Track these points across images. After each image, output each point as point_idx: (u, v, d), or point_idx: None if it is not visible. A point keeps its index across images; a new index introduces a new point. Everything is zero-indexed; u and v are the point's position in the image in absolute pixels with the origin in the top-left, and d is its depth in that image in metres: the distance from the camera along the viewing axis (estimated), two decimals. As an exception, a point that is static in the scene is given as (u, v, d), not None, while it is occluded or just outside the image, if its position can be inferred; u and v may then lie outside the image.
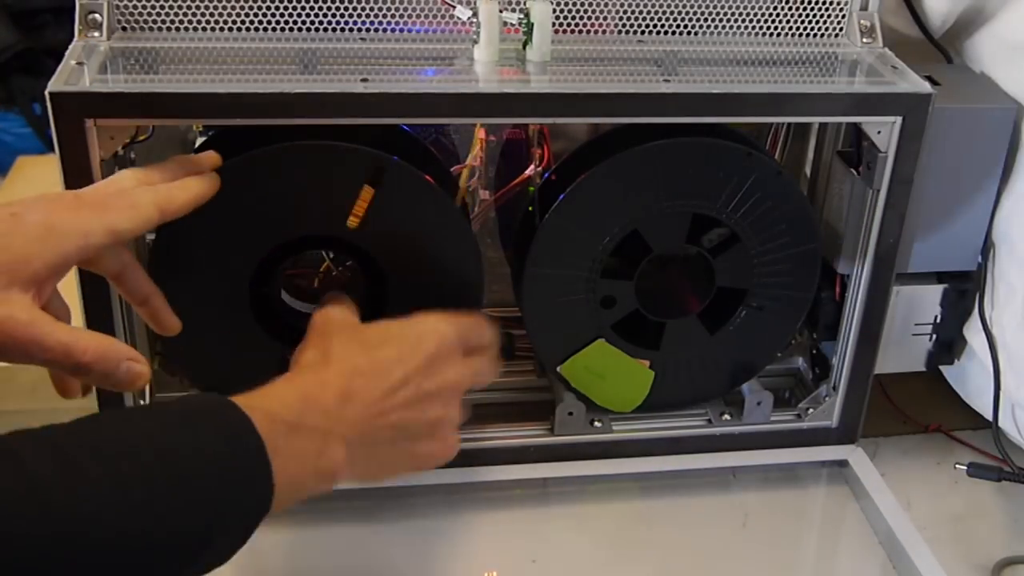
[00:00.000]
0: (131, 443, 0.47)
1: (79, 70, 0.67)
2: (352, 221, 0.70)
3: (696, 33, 0.78)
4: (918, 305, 0.86)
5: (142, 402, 0.78)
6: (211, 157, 0.66)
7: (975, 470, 0.83)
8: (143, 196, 0.60)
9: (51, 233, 0.55)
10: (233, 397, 0.53)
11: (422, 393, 0.62)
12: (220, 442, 0.50)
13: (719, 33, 0.79)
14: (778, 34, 0.79)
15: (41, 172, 1.26)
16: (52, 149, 0.65)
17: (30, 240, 0.54)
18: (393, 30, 0.75)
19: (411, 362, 0.62)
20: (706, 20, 0.78)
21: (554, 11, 0.74)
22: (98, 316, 0.69)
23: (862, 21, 0.79)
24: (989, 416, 0.85)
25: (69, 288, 0.68)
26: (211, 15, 0.73)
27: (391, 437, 0.61)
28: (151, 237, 0.73)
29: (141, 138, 0.69)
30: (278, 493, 0.52)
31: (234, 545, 0.51)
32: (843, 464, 0.86)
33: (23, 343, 0.52)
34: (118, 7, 0.72)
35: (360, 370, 0.60)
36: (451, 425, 0.65)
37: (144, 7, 0.72)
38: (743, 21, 0.79)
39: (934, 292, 0.86)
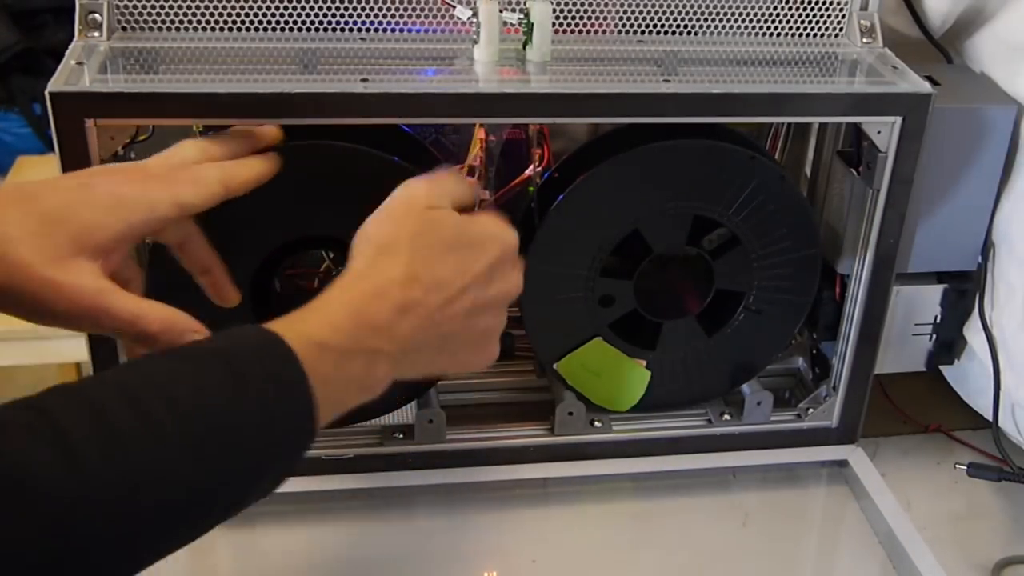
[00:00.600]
0: (170, 392, 0.46)
1: (79, 70, 0.67)
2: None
3: (696, 33, 0.78)
4: (918, 305, 0.86)
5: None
6: (273, 131, 0.66)
7: (975, 470, 0.83)
8: (209, 172, 0.60)
9: (119, 203, 0.55)
10: (285, 318, 0.52)
11: (478, 303, 0.58)
12: (266, 388, 0.48)
13: (719, 33, 0.79)
14: (778, 34, 0.79)
15: (41, 172, 1.26)
16: (52, 149, 0.65)
17: (98, 210, 0.54)
18: (393, 30, 0.75)
19: (472, 270, 0.58)
20: (706, 20, 0.78)
21: (554, 11, 0.74)
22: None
23: (862, 21, 0.79)
24: (989, 416, 0.85)
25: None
26: (211, 15, 0.73)
27: (439, 345, 0.58)
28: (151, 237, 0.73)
29: (141, 138, 0.69)
30: (321, 418, 0.51)
31: (279, 480, 0.50)
32: (843, 464, 0.86)
33: (92, 311, 0.53)
34: (118, 7, 0.72)
35: (421, 280, 0.56)
36: (497, 333, 0.62)
37: (144, 7, 0.72)
38: (743, 21, 0.79)
39: (934, 292, 0.86)
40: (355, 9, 0.74)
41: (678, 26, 0.78)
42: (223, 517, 0.48)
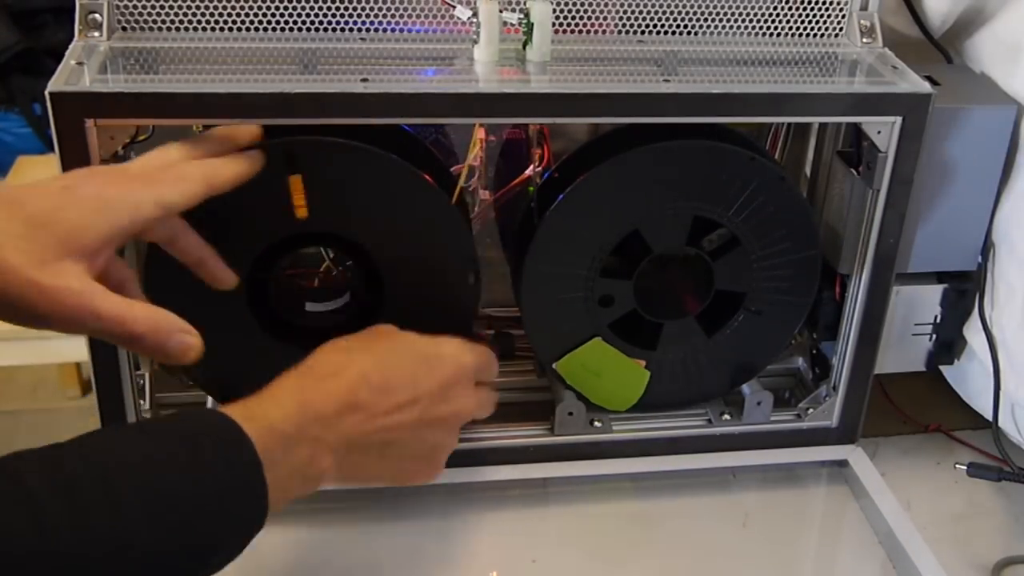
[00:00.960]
0: (130, 463, 0.48)
1: (79, 70, 0.67)
2: (300, 212, 0.69)
3: (696, 33, 0.78)
4: (918, 305, 0.86)
5: (142, 402, 0.78)
6: (251, 130, 0.66)
7: (975, 470, 0.83)
8: (192, 170, 0.61)
9: (104, 205, 0.56)
10: (234, 405, 0.54)
11: (427, 418, 0.62)
12: (219, 464, 0.51)
13: (719, 33, 0.79)
14: (778, 34, 0.79)
15: (41, 172, 1.26)
16: (52, 149, 0.65)
17: (83, 212, 0.55)
18: (393, 30, 0.75)
19: (424, 385, 0.62)
20: (706, 20, 0.78)
21: (554, 11, 0.74)
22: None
23: (862, 21, 0.79)
24: (989, 416, 0.85)
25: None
26: (211, 15, 0.73)
27: (382, 450, 0.61)
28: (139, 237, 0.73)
29: (141, 138, 0.69)
30: (271, 504, 0.53)
31: (230, 557, 0.52)
32: (843, 464, 0.86)
33: (77, 313, 0.54)
34: (118, 7, 0.72)
35: (369, 382, 0.60)
36: (446, 452, 0.66)
37: (144, 7, 0.72)
38: (743, 21, 0.79)
39: (934, 292, 0.86)
40: (355, 9, 0.74)
41: (678, 26, 0.78)
42: None
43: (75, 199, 0.55)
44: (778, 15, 0.79)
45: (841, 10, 0.79)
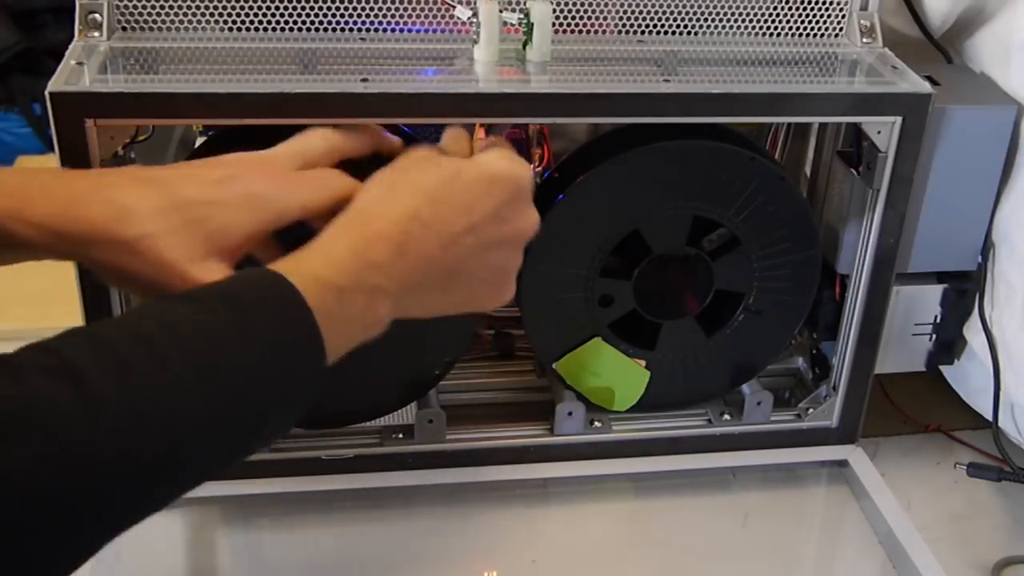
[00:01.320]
0: (177, 331, 0.46)
1: (79, 70, 0.67)
2: None
3: (696, 33, 0.78)
4: (918, 305, 0.86)
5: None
6: (395, 143, 0.65)
7: (975, 470, 0.83)
8: (338, 181, 0.59)
9: (252, 204, 0.55)
10: (284, 259, 0.52)
11: (487, 241, 0.57)
12: (270, 322, 0.48)
13: (719, 33, 0.79)
14: (778, 34, 0.79)
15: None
16: (52, 149, 0.65)
17: (232, 210, 0.54)
18: (393, 30, 0.75)
19: (479, 209, 0.57)
20: (706, 20, 0.78)
21: (554, 11, 0.74)
22: (97, 309, 0.69)
23: (862, 21, 0.79)
24: (989, 416, 0.85)
25: (69, 288, 0.68)
26: (211, 15, 0.73)
27: (444, 283, 0.57)
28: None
29: (141, 138, 0.69)
30: (328, 356, 0.51)
31: (292, 419, 0.50)
32: (843, 464, 0.86)
33: None
34: (118, 7, 0.72)
35: (421, 218, 0.55)
36: (513, 272, 0.61)
37: (144, 7, 0.72)
38: (743, 21, 0.79)
39: (934, 292, 0.86)
40: (355, 9, 0.74)
41: (678, 26, 0.78)
42: (235, 458, 0.48)
43: (227, 195, 0.55)
44: (778, 15, 0.79)
45: (841, 10, 0.79)
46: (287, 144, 0.60)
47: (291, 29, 0.74)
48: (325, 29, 0.74)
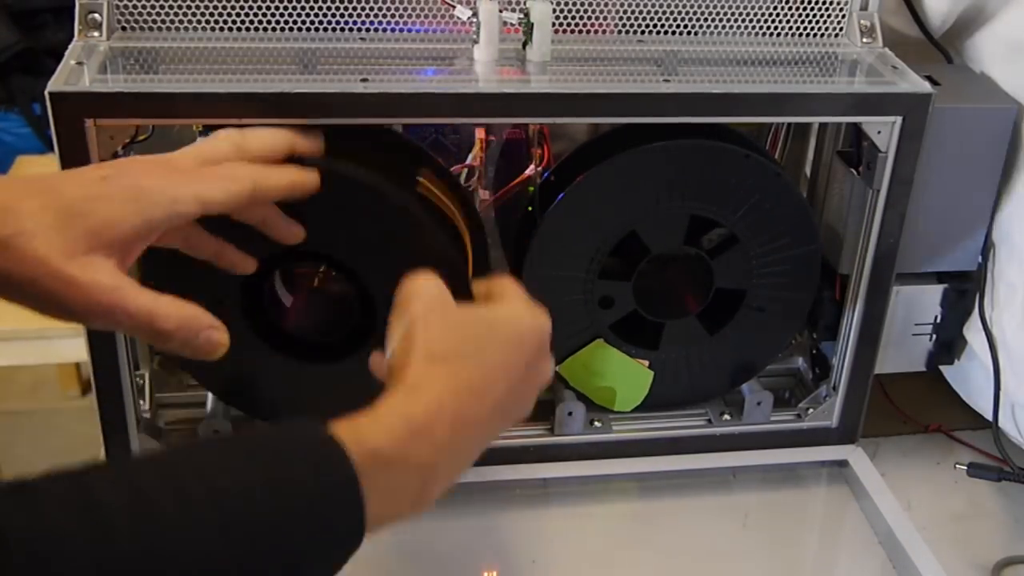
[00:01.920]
0: (214, 482, 0.43)
1: (79, 70, 0.67)
2: None
3: (696, 33, 0.78)
4: (918, 305, 0.86)
5: (142, 402, 0.78)
6: (316, 142, 0.64)
7: (975, 470, 0.83)
8: (241, 171, 0.58)
9: (139, 196, 0.54)
10: (339, 422, 0.48)
11: (518, 395, 0.57)
12: (314, 486, 0.46)
13: (719, 33, 0.79)
14: (778, 34, 0.79)
15: (41, 172, 1.25)
16: (52, 149, 0.65)
17: (118, 204, 0.53)
18: (393, 30, 0.75)
19: (516, 370, 0.56)
20: (706, 20, 0.78)
21: (554, 11, 0.74)
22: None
23: (862, 21, 0.79)
24: (989, 416, 0.85)
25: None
26: (211, 15, 0.73)
27: (482, 441, 0.56)
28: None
29: (141, 138, 0.69)
30: (369, 529, 0.49)
31: None
32: (843, 464, 0.86)
33: (107, 308, 0.52)
34: (118, 7, 0.72)
35: (474, 389, 0.53)
36: (525, 413, 0.59)
37: (144, 7, 0.72)
38: (743, 21, 0.79)
39: (934, 292, 0.86)
40: (355, 9, 0.74)
41: (678, 26, 0.78)
42: None
43: (111, 190, 0.53)
44: (778, 15, 0.79)
45: (841, 10, 0.79)
46: (191, 146, 0.60)
47: (291, 29, 0.74)
48: (325, 29, 0.74)
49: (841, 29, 0.80)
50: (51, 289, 0.51)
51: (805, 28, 0.80)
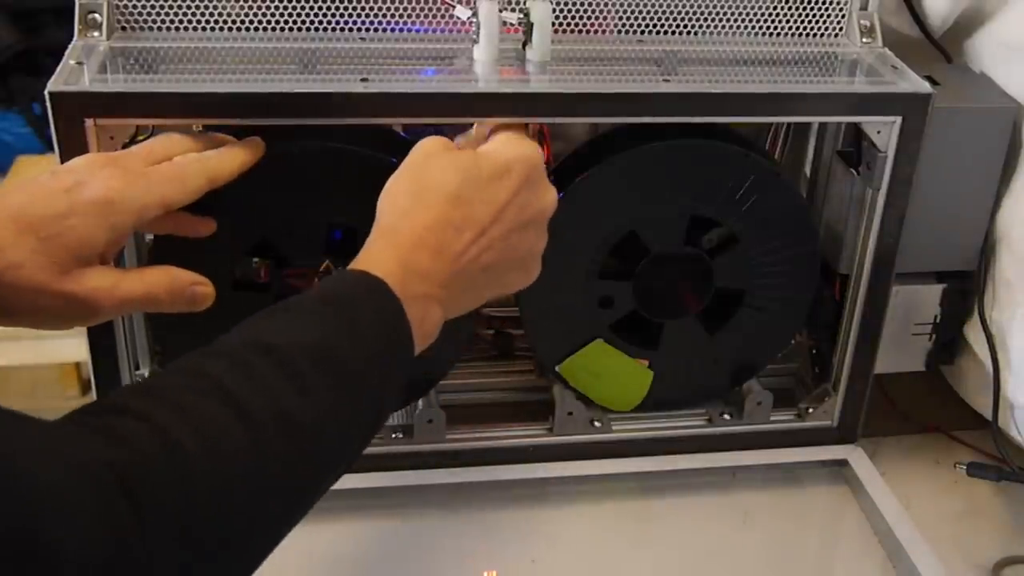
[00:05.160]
0: (302, 341, 0.48)
1: (79, 70, 0.67)
2: None
3: (696, 33, 0.78)
4: (918, 305, 0.86)
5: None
6: (256, 143, 0.66)
7: (975, 470, 0.83)
8: (193, 166, 0.61)
9: (109, 209, 0.56)
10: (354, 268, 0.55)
11: (513, 228, 0.59)
12: (376, 320, 0.52)
13: (719, 33, 0.79)
14: (778, 34, 0.79)
15: (41, 172, 1.25)
16: (52, 149, 0.65)
17: (90, 218, 0.55)
18: (393, 30, 0.75)
19: (500, 200, 0.59)
20: (706, 20, 0.78)
21: (554, 11, 0.74)
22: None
23: (862, 21, 0.79)
24: (989, 416, 0.85)
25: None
26: (211, 15, 0.73)
27: (483, 279, 0.59)
28: (150, 237, 0.73)
29: (141, 138, 0.69)
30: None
31: (392, 411, 0.56)
32: (843, 464, 0.86)
33: (112, 305, 0.56)
34: (118, 7, 0.72)
35: (452, 222, 0.57)
36: (539, 252, 0.63)
37: (144, 7, 0.72)
38: (743, 21, 0.79)
39: (934, 292, 0.86)
40: (355, 9, 0.74)
41: (678, 26, 0.78)
42: (357, 457, 0.52)
43: (79, 204, 0.55)
44: (778, 15, 0.79)
45: (841, 10, 0.79)
46: (141, 146, 0.62)
47: (291, 29, 0.74)
48: (325, 29, 0.74)
49: (841, 29, 0.80)
50: (55, 307, 0.54)
51: (805, 28, 0.80)
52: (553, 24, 0.73)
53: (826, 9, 0.79)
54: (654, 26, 0.78)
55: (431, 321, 0.56)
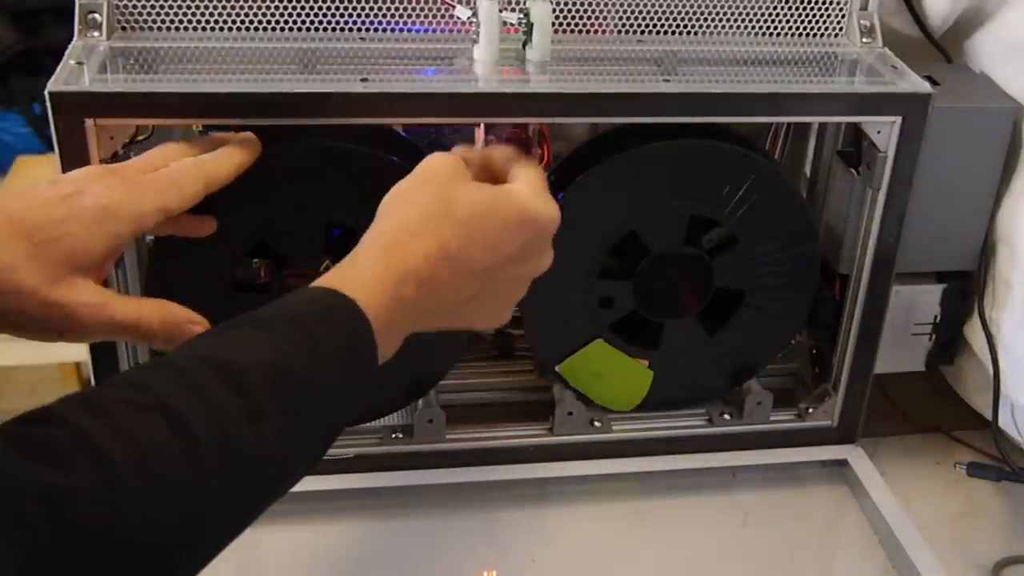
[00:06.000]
0: (262, 363, 0.47)
1: (79, 70, 0.67)
2: None
3: (696, 33, 0.78)
4: (918, 305, 0.86)
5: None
6: (251, 140, 0.66)
7: (975, 470, 0.83)
8: (189, 172, 0.60)
9: (106, 216, 0.56)
10: (327, 278, 0.53)
11: (503, 278, 0.58)
12: (341, 342, 0.51)
13: (719, 33, 0.79)
14: (778, 34, 0.79)
15: (41, 172, 1.26)
16: (52, 149, 0.65)
17: (86, 226, 0.55)
18: (393, 30, 0.75)
19: (504, 250, 0.57)
20: (706, 20, 0.78)
21: (554, 11, 0.74)
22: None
23: (862, 21, 0.79)
24: (989, 416, 0.85)
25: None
26: (211, 15, 0.73)
27: (455, 310, 0.58)
28: (151, 238, 0.73)
29: (141, 138, 0.69)
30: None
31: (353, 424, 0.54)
32: (843, 464, 0.86)
33: (98, 325, 0.55)
34: (118, 7, 0.72)
35: (450, 255, 0.55)
36: (514, 303, 0.62)
37: (144, 7, 0.72)
38: (743, 21, 0.79)
39: (934, 292, 0.86)
40: (355, 9, 0.74)
41: (678, 26, 0.78)
42: (303, 475, 0.49)
43: (77, 211, 0.55)
44: (778, 15, 0.79)
45: (841, 10, 0.79)
46: (140, 157, 0.62)
47: (291, 29, 0.74)
48: (325, 29, 0.74)
49: (841, 29, 0.80)
50: (40, 316, 0.53)
51: (805, 28, 0.80)
52: (553, 24, 0.73)
53: (826, 9, 0.79)
54: (654, 26, 0.78)
55: (394, 344, 0.55)
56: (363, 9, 0.74)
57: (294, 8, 0.73)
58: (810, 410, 0.86)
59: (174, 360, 0.46)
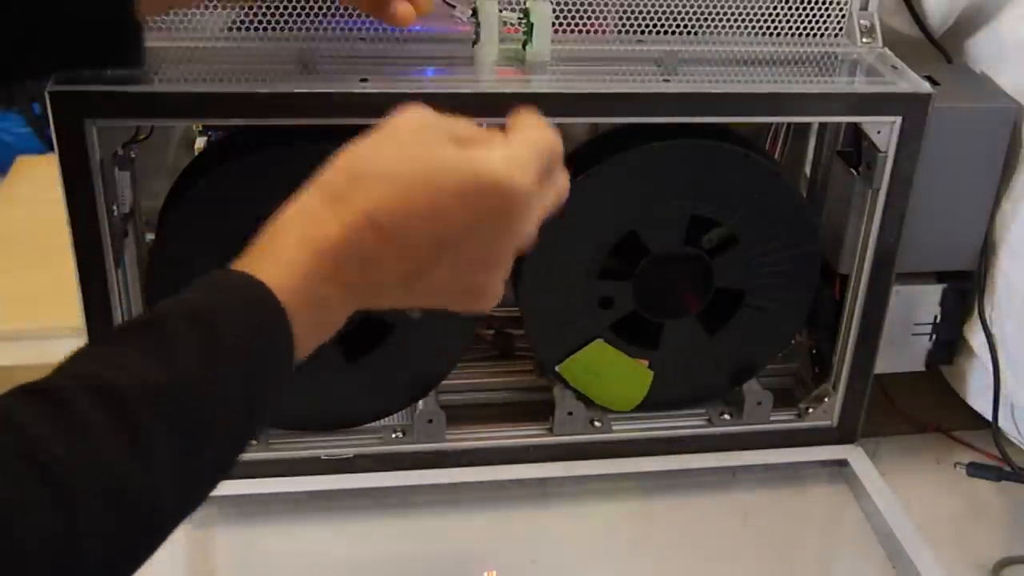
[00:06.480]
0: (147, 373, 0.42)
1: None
2: None
3: (696, 33, 0.78)
4: (918, 305, 0.86)
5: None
6: None
7: (975, 470, 0.83)
8: None
9: None
10: (240, 261, 0.47)
11: (455, 258, 0.49)
12: (248, 346, 0.44)
13: (719, 33, 0.79)
14: (778, 34, 0.79)
15: (41, 172, 1.25)
16: (52, 149, 0.65)
17: None
18: (393, 30, 0.75)
19: (449, 222, 0.48)
20: (706, 20, 0.78)
21: (554, 11, 0.74)
22: (97, 310, 0.69)
23: (862, 21, 0.79)
24: (989, 416, 0.85)
25: (69, 288, 0.68)
26: (210, 15, 0.72)
27: (405, 286, 0.50)
28: (151, 236, 0.73)
29: (141, 138, 0.69)
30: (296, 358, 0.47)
31: (253, 431, 0.47)
32: (843, 464, 0.86)
33: None
34: (118, 7, 0.71)
35: (377, 224, 0.47)
36: (487, 291, 0.52)
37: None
38: (743, 21, 0.78)
39: (934, 292, 0.86)
40: (355, 9, 0.74)
41: (678, 26, 0.78)
42: (206, 496, 0.45)
43: None
44: (778, 15, 0.79)
45: (841, 10, 0.79)
46: None
47: (291, 29, 0.74)
48: (325, 29, 0.74)
49: (841, 29, 0.80)
50: None
51: (805, 28, 0.80)
52: (553, 24, 0.73)
53: (826, 9, 0.79)
54: (654, 26, 0.78)
55: (330, 318, 0.48)
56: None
57: (294, 8, 0.73)
58: (810, 410, 0.86)
59: (52, 380, 0.41)
